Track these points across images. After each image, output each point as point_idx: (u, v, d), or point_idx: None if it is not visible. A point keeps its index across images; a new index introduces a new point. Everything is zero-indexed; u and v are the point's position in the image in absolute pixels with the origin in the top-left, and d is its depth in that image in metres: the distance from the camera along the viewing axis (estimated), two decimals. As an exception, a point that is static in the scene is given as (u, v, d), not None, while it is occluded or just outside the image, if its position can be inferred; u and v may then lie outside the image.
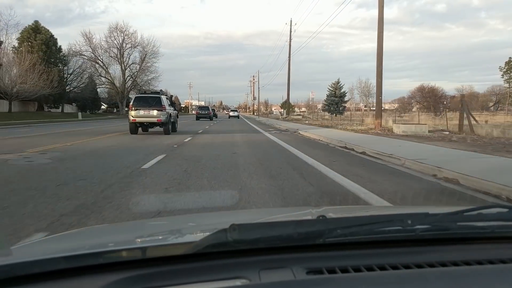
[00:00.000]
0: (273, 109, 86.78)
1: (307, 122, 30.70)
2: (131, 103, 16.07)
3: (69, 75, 51.93)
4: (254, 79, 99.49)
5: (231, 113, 56.89)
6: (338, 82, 55.41)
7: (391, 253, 0.94)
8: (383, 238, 0.95)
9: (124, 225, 2.04)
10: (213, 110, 55.47)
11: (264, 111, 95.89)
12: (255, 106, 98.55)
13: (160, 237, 1.20)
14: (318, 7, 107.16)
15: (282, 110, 67.98)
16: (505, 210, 1.03)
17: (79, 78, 53.45)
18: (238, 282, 0.82)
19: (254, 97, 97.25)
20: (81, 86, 54.22)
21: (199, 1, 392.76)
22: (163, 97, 16.46)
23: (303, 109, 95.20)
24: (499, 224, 1.01)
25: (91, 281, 0.81)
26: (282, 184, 4.97)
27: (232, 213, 2.89)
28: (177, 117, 19.38)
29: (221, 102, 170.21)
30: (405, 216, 0.96)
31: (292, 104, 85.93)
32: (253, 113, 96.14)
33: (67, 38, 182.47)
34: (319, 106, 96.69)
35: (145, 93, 17.34)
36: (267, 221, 1.28)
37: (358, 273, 0.85)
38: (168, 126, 15.88)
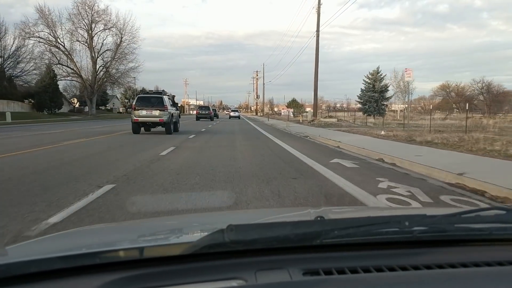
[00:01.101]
0: (281, 110, 75.02)
1: (383, 133, 15.81)
2: (133, 103, 17.45)
3: (3, 60, 40.18)
4: (257, 75, 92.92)
5: (232, 113, 57.49)
6: (378, 72, 43.01)
7: (388, 255, 1.01)
8: (380, 239, 1.01)
9: (121, 225, 2.12)
10: (214, 110, 56.03)
11: (269, 112, 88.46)
12: (258, 105, 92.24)
13: (156, 237, 1.28)
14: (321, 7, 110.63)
15: (291, 110, 57.72)
16: (503, 212, 1.09)
17: (15, 63, 40.89)
18: (234, 283, 0.88)
19: (257, 95, 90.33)
20: (20, 75, 42.17)
21: (200, 1, 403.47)
22: (165, 97, 17.70)
23: (308, 109, 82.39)
24: (497, 226, 1.06)
25: (88, 281, 0.87)
26: None
27: (229, 213, 3.00)
28: (179, 117, 20.97)
29: (221, 101, 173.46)
30: (403, 217, 1.02)
31: (300, 103, 78.78)
32: (256, 113, 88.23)
33: None
34: (323, 106, 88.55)
35: (147, 93, 18.83)
36: (264, 221, 1.35)
37: (355, 275, 0.91)
38: (170, 126, 17.11)
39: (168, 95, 19.61)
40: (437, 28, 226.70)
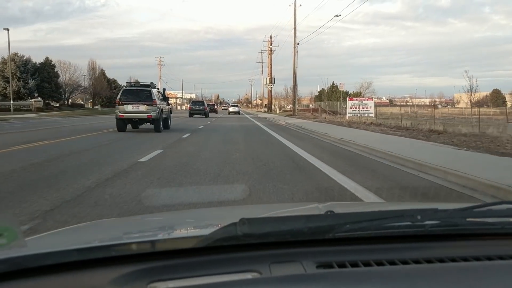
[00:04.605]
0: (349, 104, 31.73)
1: None
2: (118, 97, 17.93)
3: None
4: (271, 42, 64.34)
5: (231, 109, 60.31)
6: None
7: (400, 248, 1.18)
8: (393, 233, 1.18)
9: (135, 219, 2.45)
10: (213, 105, 58.66)
11: (300, 108, 55.57)
12: (270, 95, 67.87)
13: (170, 231, 1.50)
14: (319, 1, 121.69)
15: (371, 103, 31.21)
16: None
17: None
18: (249, 275, 1.05)
19: (271, 78, 62.97)
20: None
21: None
22: (154, 91, 18.42)
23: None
24: (509, 221, 1.23)
25: (103, 274, 1.03)
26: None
27: (241, 207, 3.60)
28: (171, 113, 21.16)
29: (218, 95, 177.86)
30: (415, 211, 1.19)
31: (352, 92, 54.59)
32: (269, 110, 64.81)
33: (66, 32, 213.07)
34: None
35: (134, 86, 19.05)
36: (276, 215, 1.54)
37: (368, 268, 1.07)
38: (159, 123, 17.92)
39: (157, 88, 20.09)
40: (438, 22, 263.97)
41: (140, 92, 18.10)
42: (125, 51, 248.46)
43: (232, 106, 66.67)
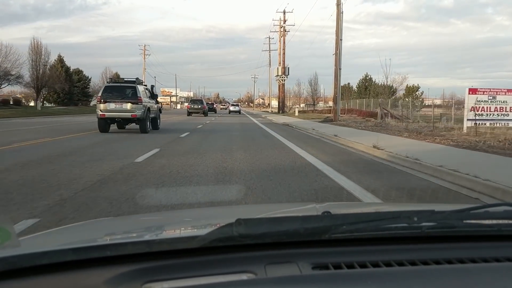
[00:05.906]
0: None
1: None
2: (99, 94, 17.40)
3: None
4: (285, 19, 54.50)
5: (232, 108, 65.04)
6: None
7: (397, 250, 1.23)
8: (389, 234, 1.24)
9: (130, 219, 2.55)
10: (212, 104, 62.61)
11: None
12: (283, 91, 57.15)
13: (166, 231, 1.58)
14: (322, 2, 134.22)
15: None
16: None
17: None
18: (244, 277, 1.09)
19: (284, 68, 53.68)
20: None
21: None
22: (140, 87, 17.77)
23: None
24: (506, 223, 1.30)
25: (98, 274, 1.07)
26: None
27: (237, 207, 3.78)
28: (160, 112, 20.37)
29: (218, 94, 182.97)
30: (411, 213, 1.24)
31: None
32: (281, 110, 55.65)
33: (68, 29, 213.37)
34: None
35: (117, 82, 18.50)
36: (273, 216, 1.56)
37: (364, 269, 1.12)
38: (146, 123, 17.28)
39: (145, 85, 19.57)
40: (440, 23, 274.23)
41: (124, 89, 17.41)
42: (126, 49, 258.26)
43: (233, 105, 70.84)
